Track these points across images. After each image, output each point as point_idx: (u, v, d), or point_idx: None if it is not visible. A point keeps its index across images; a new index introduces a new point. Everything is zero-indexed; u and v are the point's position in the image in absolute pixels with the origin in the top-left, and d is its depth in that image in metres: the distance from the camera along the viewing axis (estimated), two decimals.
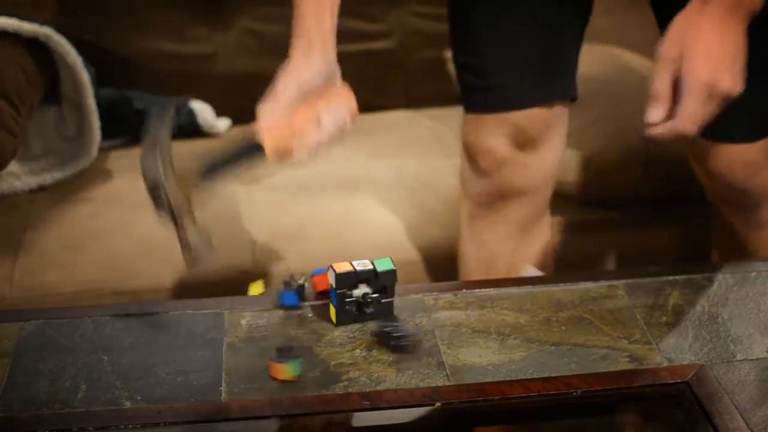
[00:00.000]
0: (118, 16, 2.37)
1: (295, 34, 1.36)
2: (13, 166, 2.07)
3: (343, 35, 1.62)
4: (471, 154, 1.67)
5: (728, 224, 1.73)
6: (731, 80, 1.25)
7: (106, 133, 2.24)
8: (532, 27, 1.57)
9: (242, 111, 2.42)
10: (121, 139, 2.30)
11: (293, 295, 1.31)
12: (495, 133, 1.62)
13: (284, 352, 1.21)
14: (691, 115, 1.24)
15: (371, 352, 1.25)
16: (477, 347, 1.26)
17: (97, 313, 1.34)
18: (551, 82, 1.61)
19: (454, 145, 1.84)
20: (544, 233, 1.74)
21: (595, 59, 1.69)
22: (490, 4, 1.55)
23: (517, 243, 1.70)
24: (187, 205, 1.23)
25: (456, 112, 1.73)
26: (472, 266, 1.72)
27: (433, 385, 1.20)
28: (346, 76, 1.73)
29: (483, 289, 1.38)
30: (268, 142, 1.30)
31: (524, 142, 1.63)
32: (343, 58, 2.55)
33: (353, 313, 1.30)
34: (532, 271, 1.75)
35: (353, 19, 2.35)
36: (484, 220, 1.70)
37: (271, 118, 1.31)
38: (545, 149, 1.66)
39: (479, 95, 1.62)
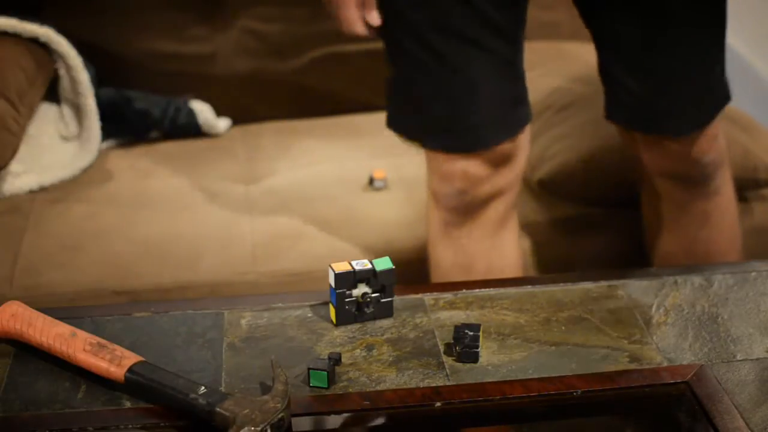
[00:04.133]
0: (118, 16, 2.36)
1: None
2: (14, 166, 2.07)
3: (343, 35, 1.62)
4: (443, 176, 1.66)
5: (675, 201, 1.74)
6: None
7: (106, 133, 2.24)
8: (495, 67, 1.58)
9: (242, 111, 2.43)
10: (121, 139, 2.30)
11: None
12: (468, 159, 1.62)
13: (318, 362, 1.19)
14: None
15: (371, 352, 1.25)
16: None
17: (97, 313, 1.34)
18: (516, 112, 1.63)
19: None
20: (516, 225, 1.75)
21: (594, 60, 1.69)
22: (453, 53, 1.56)
23: (493, 240, 1.70)
24: None
25: None
26: (451, 272, 1.70)
27: (433, 385, 1.20)
28: (346, 76, 1.75)
29: (483, 289, 1.38)
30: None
31: (499, 162, 1.64)
32: (343, 58, 2.55)
33: (353, 313, 1.30)
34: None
35: None
36: (460, 227, 1.69)
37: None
38: (517, 158, 1.67)
39: (448, 136, 1.62)
